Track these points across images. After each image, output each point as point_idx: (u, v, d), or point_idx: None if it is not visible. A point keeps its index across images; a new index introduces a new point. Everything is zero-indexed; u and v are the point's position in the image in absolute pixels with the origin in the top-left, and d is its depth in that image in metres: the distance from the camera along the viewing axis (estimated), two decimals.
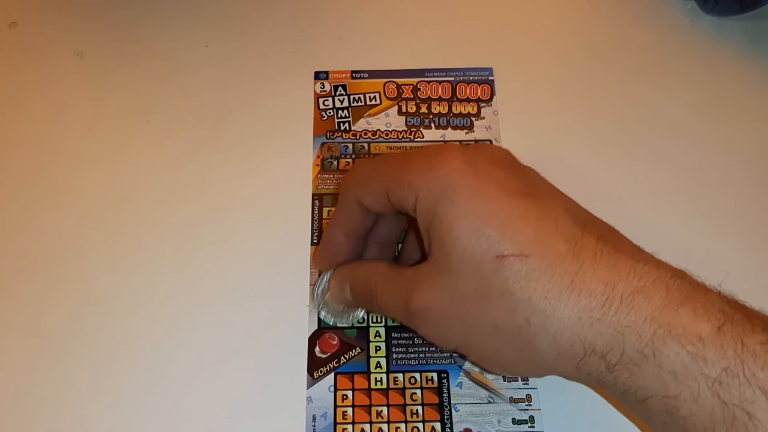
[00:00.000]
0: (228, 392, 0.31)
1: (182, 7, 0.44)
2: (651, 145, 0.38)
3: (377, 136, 0.38)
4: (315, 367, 0.31)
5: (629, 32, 0.43)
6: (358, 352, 0.32)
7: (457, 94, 0.40)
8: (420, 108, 0.40)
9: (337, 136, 0.38)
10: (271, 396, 0.31)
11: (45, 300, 0.33)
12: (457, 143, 0.25)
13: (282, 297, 0.33)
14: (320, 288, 0.31)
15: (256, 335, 0.32)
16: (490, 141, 0.38)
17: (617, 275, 0.22)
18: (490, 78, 0.41)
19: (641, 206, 0.36)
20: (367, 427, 0.30)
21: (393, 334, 0.32)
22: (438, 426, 0.30)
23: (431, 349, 0.32)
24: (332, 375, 0.31)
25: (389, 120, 0.39)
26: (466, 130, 0.39)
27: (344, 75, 0.41)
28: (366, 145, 0.38)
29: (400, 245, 0.33)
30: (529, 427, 0.30)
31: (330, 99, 0.40)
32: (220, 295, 0.33)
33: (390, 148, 0.38)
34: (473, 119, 0.39)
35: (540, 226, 0.23)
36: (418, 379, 0.31)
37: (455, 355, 0.32)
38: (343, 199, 0.28)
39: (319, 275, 0.31)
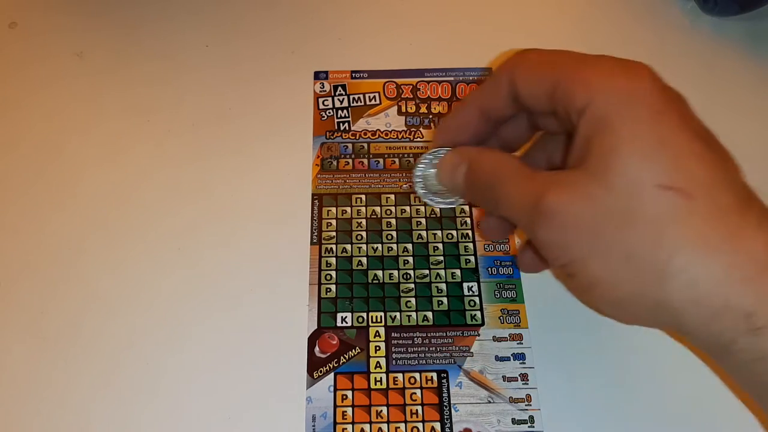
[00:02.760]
0: (228, 392, 0.31)
1: (182, 7, 0.44)
2: None
3: (377, 136, 0.38)
4: (315, 367, 0.31)
5: (629, 32, 0.43)
6: (358, 352, 0.32)
7: (456, 94, 0.40)
8: (420, 108, 0.40)
9: (336, 136, 0.38)
10: (271, 396, 0.31)
11: (45, 300, 0.33)
12: None
13: (282, 297, 0.33)
14: (426, 161, 0.29)
15: (256, 335, 0.32)
16: None
17: None
18: None
19: None
20: (366, 427, 0.30)
21: (393, 334, 0.32)
22: (438, 426, 0.30)
23: (431, 348, 0.32)
24: (332, 375, 0.31)
25: (389, 120, 0.39)
26: None
27: (344, 75, 0.41)
28: (366, 145, 0.38)
29: None
30: (528, 427, 0.30)
31: (330, 99, 0.40)
32: (220, 294, 0.33)
33: (389, 148, 0.38)
34: None
35: (715, 171, 0.22)
36: (418, 379, 0.31)
37: (455, 355, 0.32)
38: (495, 77, 0.26)
39: (428, 151, 0.29)
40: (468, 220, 0.35)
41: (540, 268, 0.32)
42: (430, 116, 0.39)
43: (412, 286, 0.33)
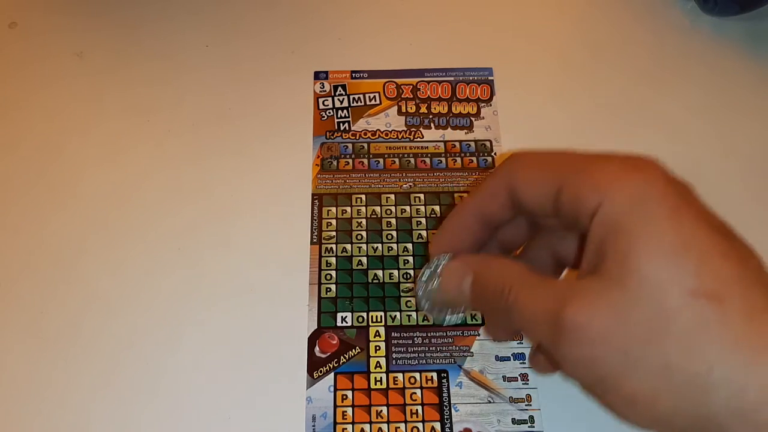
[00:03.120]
0: (228, 392, 0.31)
1: (182, 7, 0.44)
2: (650, 145, 0.38)
3: (377, 136, 0.38)
4: (315, 367, 0.31)
5: (629, 32, 0.43)
6: (358, 352, 0.32)
7: (456, 94, 0.40)
8: (420, 108, 0.40)
9: (336, 136, 0.38)
10: (271, 396, 0.31)
11: (45, 300, 0.33)
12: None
13: (282, 297, 0.33)
14: (428, 274, 0.28)
15: (256, 335, 0.32)
16: (490, 141, 0.38)
17: None
18: (490, 78, 0.41)
19: None
20: (366, 427, 0.30)
21: (393, 334, 0.32)
22: (438, 426, 0.30)
23: (431, 348, 0.32)
24: (332, 375, 0.31)
25: (389, 120, 0.39)
26: (465, 130, 0.39)
27: (344, 75, 0.41)
28: (366, 145, 0.38)
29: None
30: (528, 427, 0.30)
31: (330, 99, 0.40)
32: (220, 295, 0.33)
33: (390, 148, 0.38)
34: (473, 119, 0.39)
35: (741, 269, 0.21)
36: (418, 378, 0.31)
37: (455, 354, 0.32)
38: (492, 181, 0.25)
39: (428, 261, 0.28)
40: None
41: (554, 371, 0.29)
42: (430, 116, 0.39)
43: (413, 285, 0.33)
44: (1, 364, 0.31)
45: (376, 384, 0.31)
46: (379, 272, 0.34)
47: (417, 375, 0.31)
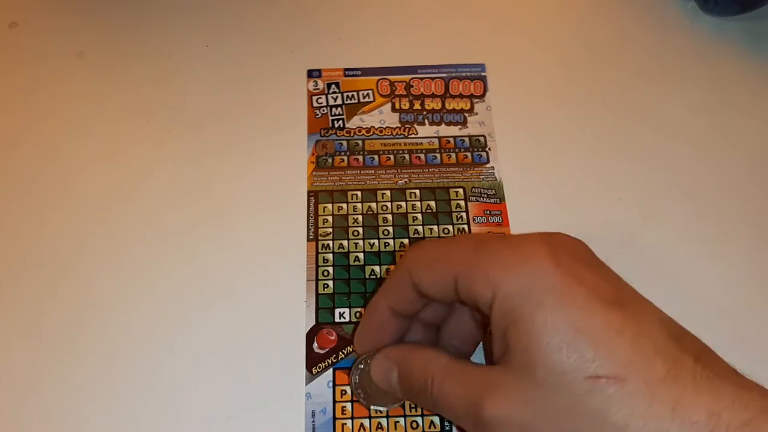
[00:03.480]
0: (227, 389, 0.31)
1: (182, 7, 0.44)
2: (650, 144, 0.38)
3: (371, 133, 0.39)
4: (313, 362, 0.31)
5: (629, 32, 0.43)
6: None
7: (450, 90, 0.40)
8: (413, 104, 0.40)
9: (331, 134, 0.39)
10: (270, 392, 0.30)
11: (45, 300, 0.33)
12: (537, 232, 0.24)
13: (280, 293, 0.33)
14: (358, 371, 0.29)
15: (255, 332, 0.32)
16: (484, 136, 0.38)
17: (721, 404, 0.20)
18: (483, 74, 0.41)
19: (640, 205, 0.36)
20: (366, 422, 0.30)
21: None
22: (437, 420, 0.30)
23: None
24: (331, 370, 0.31)
25: (383, 117, 0.39)
26: (459, 126, 0.39)
27: (337, 73, 0.41)
28: (360, 142, 0.38)
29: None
30: None
31: (323, 97, 0.40)
32: (218, 292, 0.33)
33: (384, 144, 0.38)
34: (466, 115, 0.39)
35: (637, 343, 0.21)
36: None
37: None
38: (397, 276, 0.26)
39: (357, 358, 0.29)
40: (464, 215, 0.36)
41: None
42: (424, 112, 0.39)
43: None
44: (1, 364, 0.31)
45: None
46: (376, 268, 0.34)
47: None
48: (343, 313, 0.33)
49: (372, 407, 0.30)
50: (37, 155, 0.38)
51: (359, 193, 0.36)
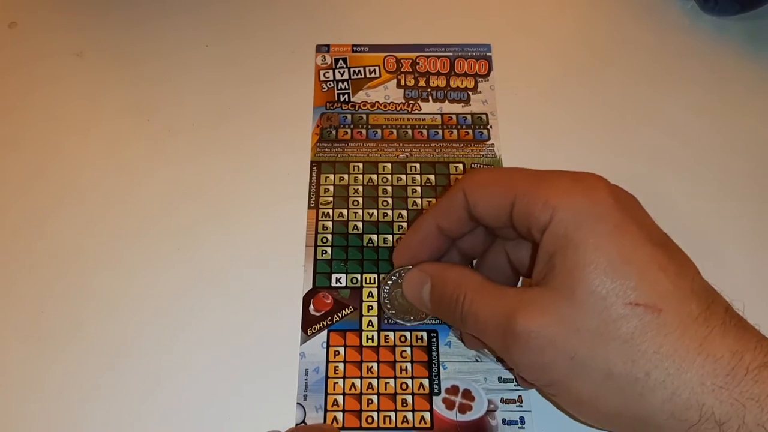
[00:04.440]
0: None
1: (182, 7, 0.44)
2: (650, 144, 0.38)
3: (376, 108, 0.39)
4: (309, 324, 0.32)
5: (629, 32, 0.43)
6: (351, 311, 0.33)
7: (455, 68, 0.41)
8: (418, 81, 0.40)
9: (336, 107, 0.39)
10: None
11: (45, 299, 0.33)
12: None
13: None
14: (391, 283, 0.30)
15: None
16: (486, 114, 0.39)
17: (744, 346, 0.22)
18: (488, 54, 0.42)
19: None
20: (357, 381, 0.31)
21: None
22: (426, 382, 0.31)
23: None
24: (325, 332, 0.32)
25: (388, 93, 0.40)
26: (462, 104, 0.39)
27: (345, 48, 0.42)
28: (365, 116, 0.39)
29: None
30: (515, 385, 0.31)
31: (331, 71, 0.41)
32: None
33: (388, 119, 0.39)
34: (470, 93, 0.40)
35: (678, 281, 0.22)
36: (408, 337, 0.32)
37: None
38: (453, 195, 0.27)
39: (390, 271, 0.30)
40: None
41: (483, 347, 0.31)
42: (429, 89, 0.40)
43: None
44: (1, 364, 0.31)
45: (367, 341, 0.32)
46: (374, 237, 0.35)
47: (407, 334, 0.32)
48: (340, 278, 0.33)
49: (398, 320, 0.31)
50: (37, 155, 0.38)
51: (361, 165, 0.37)
